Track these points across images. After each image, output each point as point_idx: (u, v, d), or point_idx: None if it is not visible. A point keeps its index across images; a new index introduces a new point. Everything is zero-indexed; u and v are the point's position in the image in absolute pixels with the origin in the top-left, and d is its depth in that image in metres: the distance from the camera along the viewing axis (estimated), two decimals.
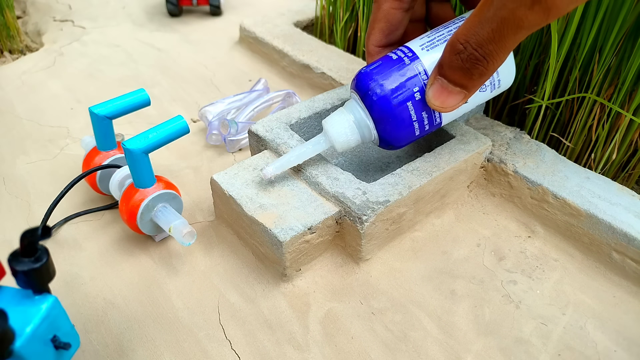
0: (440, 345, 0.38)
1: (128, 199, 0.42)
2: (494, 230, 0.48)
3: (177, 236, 0.41)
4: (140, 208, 0.42)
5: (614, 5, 0.50)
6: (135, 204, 0.42)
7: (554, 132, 0.62)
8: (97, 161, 0.46)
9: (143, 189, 0.42)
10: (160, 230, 0.45)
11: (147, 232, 0.44)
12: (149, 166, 0.41)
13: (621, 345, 0.38)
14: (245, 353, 0.38)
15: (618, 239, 0.42)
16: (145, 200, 0.42)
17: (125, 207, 0.42)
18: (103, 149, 0.47)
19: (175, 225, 0.41)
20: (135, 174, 0.41)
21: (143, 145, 0.40)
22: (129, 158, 0.40)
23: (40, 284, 0.28)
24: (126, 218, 0.43)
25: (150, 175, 0.42)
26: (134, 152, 0.39)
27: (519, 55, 0.61)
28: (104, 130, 0.45)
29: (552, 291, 0.42)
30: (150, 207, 0.42)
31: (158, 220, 0.43)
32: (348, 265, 0.44)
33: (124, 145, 0.39)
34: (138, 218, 0.42)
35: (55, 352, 0.29)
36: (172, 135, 0.41)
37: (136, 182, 0.42)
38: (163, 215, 0.43)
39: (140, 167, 0.41)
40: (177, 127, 0.41)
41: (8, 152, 0.57)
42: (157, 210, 0.43)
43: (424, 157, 0.46)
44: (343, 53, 0.71)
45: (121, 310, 0.40)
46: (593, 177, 0.47)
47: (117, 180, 0.45)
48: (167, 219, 0.42)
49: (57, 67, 0.74)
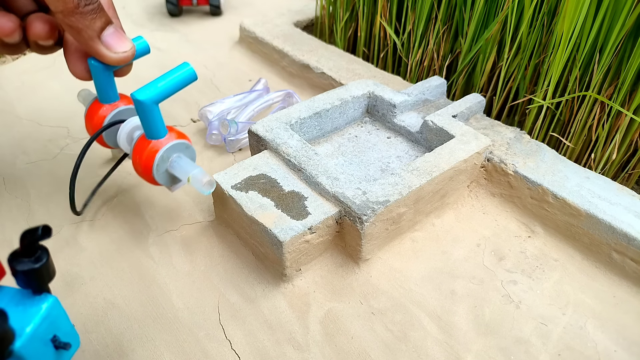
0: (440, 345, 0.38)
1: (141, 151, 0.41)
2: (494, 230, 0.48)
3: (196, 185, 0.40)
4: (155, 159, 0.40)
5: (614, 6, 0.50)
6: (149, 155, 0.40)
7: (554, 132, 0.61)
8: (102, 114, 0.44)
9: (156, 140, 0.41)
10: (176, 182, 0.44)
11: (163, 183, 0.43)
12: (159, 117, 0.40)
13: (621, 345, 0.38)
14: (245, 353, 0.38)
15: (618, 239, 0.42)
16: (159, 151, 0.40)
17: (140, 160, 0.41)
18: (105, 102, 0.44)
19: (194, 175, 0.40)
20: (146, 126, 0.40)
21: (153, 95, 0.38)
22: (139, 109, 0.38)
23: (40, 284, 0.28)
24: (141, 171, 0.41)
25: (162, 126, 0.40)
26: (144, 103, 0.38)
27: (519, 55, 0.61)
28: (105, 82, 0.43)
29: (552, 291, 0.42)
30: (165, 158, 0.41)
31: (174, 171, 0.41)
32: (348, 265, 0.44)
33: (134, 96, 0.38)
34: (154, 170, 0.41)
35: (55, 352, 0.29)
36: (180, 82, 0.39)
37: (148, 134, 0.40)
38: (179, 166, 0.41)
39: (151, 118, 0.39)
40: (185, 74, 0.39)
41: (8, 152, 0.57)
42: (172, 160, 0.42)
43: (424, 157, 0.46)
44: (343, 53, 0.71)
45: (121, 310, 0.40)
46: (593, 177, 0.47)
47: (126, 133, 0.43)
48: (185, 169, 0.41)
49: (57, 67, 0.74)
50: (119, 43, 0.38)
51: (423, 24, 0.68)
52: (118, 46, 0.38)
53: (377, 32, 0.75)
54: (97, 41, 0.37)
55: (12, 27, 0.38)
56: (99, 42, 0.37)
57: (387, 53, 0.76)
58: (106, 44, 0.37)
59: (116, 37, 0.38)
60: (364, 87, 0.57)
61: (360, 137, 0.55)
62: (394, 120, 0.55)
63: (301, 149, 0.47)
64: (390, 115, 0.55)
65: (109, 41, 0.37)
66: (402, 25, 0.72)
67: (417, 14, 0.68)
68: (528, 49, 0.60)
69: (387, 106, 0.55)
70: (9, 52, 0.40)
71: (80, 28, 0.36)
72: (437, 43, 0.69)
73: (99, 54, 0.37)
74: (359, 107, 0.57)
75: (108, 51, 0.37)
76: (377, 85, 0.57)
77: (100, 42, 0.37)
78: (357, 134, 0.56)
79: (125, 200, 0.51)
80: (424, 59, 0.71)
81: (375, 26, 0.75)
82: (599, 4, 0.50)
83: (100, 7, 0.36)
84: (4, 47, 0.40)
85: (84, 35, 0.36)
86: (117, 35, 0.38)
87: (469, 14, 0.64)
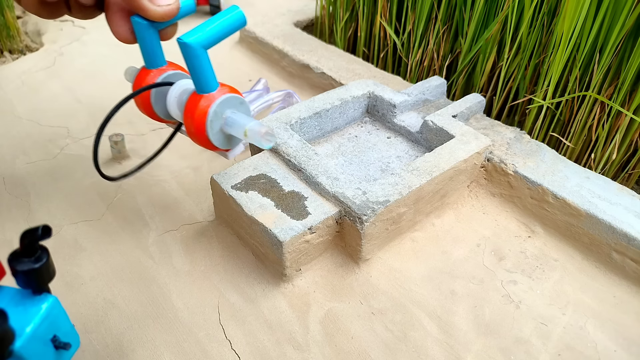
0: (440, 345, 0.38)
1: (193, 108, 0.37)
2: (494, 230, 0.48)
3: (254, 138, 0.36)
4: (208, 114, 0.36)
5: (614, 6, 0.50)
6: (202, 111, 0.36)
7: (554, 132, 0.62)
8: (149, 80, 0.40)
9: (207, 94, 0.37)
10: (232, 144, 0.40)
11: (218, 144, 0.38)
12: (210, 66, 0.36)
13: (621, 345, 0.38)
14: (245, 353, 0.38)
15: (618, 239, 0.42)
16: (212, 105, 0.36)
17: (192, 118, 0.37)
18: (152, 67, 0.40)
19: (251, 127, 0.36)
20: (196, 77, 0.36)
21: (202, 38, 0.34)
22: (188, 56, 0.35)
23: (40, 284, 0.28)
24: (194, 130, 0.37)
25: (212, 77, 0.37)
26: (194, 47, 0.34)
27: (519, 55, 0.61)
28: (150, 43, 0.39)
29: (552, 291, 0.42)
30: (218, 114, 0.37)
31: (230, 128, 0.37)
32: (348, 265, 0.44)
33: (181, 39, 0.34)
34: (208, 127, 0.37)
35: (55, 352, 0.29)
36: (230, 26, 0.36)
37: (198, 87, 0.37)
38: (233, 121, 0.37)
39: (201, 67, 0.36)
40: (234, 18, 0.36)
41: (8, 152, 0.57)
42: (226, 117, 0.38)
43: (424, 157, 0.46)
44: (343, 53, 0.71)
45: (121, 310, 0.40)
46: (593, 177, 0.47)
47: (175, 97, 0.39)
48: (240, 123, 0.37)
49: (57, 67, 0.74)
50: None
51: (423, 24, 0.68)
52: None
53: (377, 32, 0.75)
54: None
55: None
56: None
57: (387, 53, 0.76)
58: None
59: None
60: (364, 87, 0.57)
61: (360, 137, 0.55)
62: (394, 120, 0.55)
63: (301, 149, 0.47)
64: (390, 115, 0.55)
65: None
66: (402, 25, 0.72)
67: (417, 14, 0.68)
68: (528, 49, 0.60)
69: (387, 106, 0.55)
70: (48, 13, 0.38)
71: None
72: (437, 43, 0.69)
73: (142, 7, 0.35)
74: (359, 107, 0.57)
75: (151, 4, 0.35)
76: (377, 85, 0.57)
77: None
78: (357, 134, 0.56)
79: (125, 200, 0.51)
80: (424, 59, 0.71)
81: (375, 26, 0.75)
82: (599, 4, 0.50)
83: None
84: (43, 8, 0.38)
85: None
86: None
87: (469, 14, 0.64)
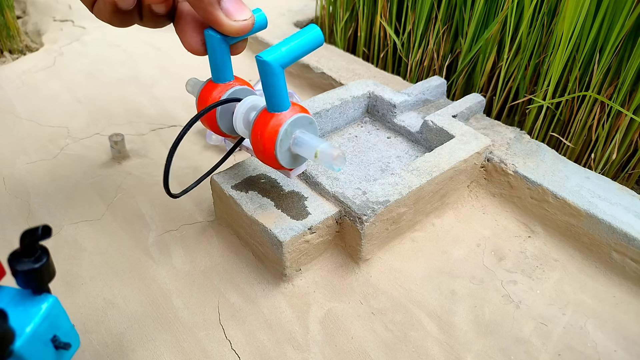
0: (440, 345, 0.38)
1: (263, 126, 0.36)
2: (494, 230, 0.48)
3: (325, 160, 0.35)
4: (279, 134, 0.36)
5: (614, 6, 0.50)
6: (273, 130, 0.36)
7: (554, 132, 0.62)
8: (216, 95, 0.39)
9: (279, 113, 0.36)
10: (297, 164, 0.39)
11: (284, 163, 0.38)
12: (284, 84, 0.36)
13: (621, 345, 0.38)
14: (245, 353, 0.38)
15: (618, 239, 0.42)
16: (284, 124, 0.36)
17: (261, 136, 0.36)
18: (220, 81, 0.40)
19: (323, 149, 0.35)
20: (270, 94, 0.36)
21: (281, 56, 0.34)
22: (265, 73, 0.34)
23: (40, 284, 0.28)
24: (262, 148, 0.37)
25: (286, 96, 0.36)
26: (272, 66, 0.34)
27: (519, 55, 0.61)
28: (221, 57, 0.38)
29: (552, 291, 0.42)
30: (289, 133, 0.36)
31: (298, 147, 0.37)
32: (348, 265, 0.44)
33: (260, 57, 0.34)
34: (277, 146, 0.36)
35: (55, 352, 0.29)
36: (308, 45, 0.36)
37: (270, 105, 0.36)
38: (304, 141, 0.36)
39: (277, 85, 0.35)
40: (312, 37, 0.36)
41: (8, 152, 0.57)
42: (295, 137, 0.37)
43: (424, 157, 0.46)
44: (343, 53, 0.71)
45: (121, 310, 0.40)
46: (593, 177, 0.47)
47: (242, 113, 0.39)
48: (311, 144, 0.36)
49: (57, 67, 0.74)
50: (238, 10, 0.35)
51: (423, 24, 0.68)
52: (238, 14, 0.35)
53: (377, 32, 0.75)
54: (217, 7, 0.34)
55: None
56: (218, 8, 0.35)
57: (387, 53, 0.76)
58: (226, 10, 0.35)
59: (235, 4, 0.35)
60: (364, 87, 0.57)
61: (360, 137, 0.55)
62: (394, 120, 0.55)
63: None
64: (390, 115, 0.55)
65: (229, 8, 0.35)
66: (402, 25, 0.72)
67: (417, 14, 0.68)
68: (528, 49, 0.60)
69: (387, 106, 0.55)
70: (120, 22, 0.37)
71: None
72: (437, 43, 0.69)
73: (218, 21, 0.35)
74: (359, 107, 0.57)
75: (227, 19, 0.35)
76: (377, 85, 0.57)
77: (219, 8, 0.35)
78: (357, 134, 0.56)
79: (125, 200, 0.51)
80: (424, 59, 0.71)
81: (375, 26, 0.75)
82: (599, 4, 0.50)
83: None
84: (115, 15, 0.37)
85: (203, 1, 0.34)
86: (236, 2, 0.35)
87: (469, 14, 0.64)
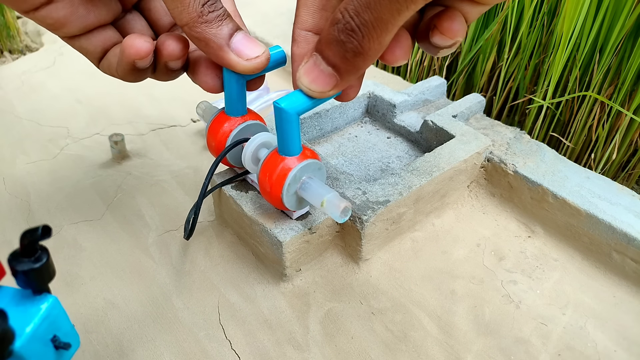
0: (440, 345, 0.38)
1: (272, 168, 0.37)
2: (494, 230, 0.48)
3: (332, 211, 0.36)
4: (287, 178, 0.36)
5: (614, 6, 0.50)
6: (282, 173, 0.36)
7: (554, 132, 0.62)
8: (227, 128, 0.40)
9: (289, 157, 0.37)
10: (301, 207, 0.40)
11: (289, 205, 0.38)
12: (298, 131, 0.36)
13: (621, 345, 0.38)
14: (245, 353, 0.38)
15: (618, 239, 0.42)
16: (293, 169, 0.36)
17: (269, 177, 0.37)
18: (233, 114, 0.40)
19: (330, 199, 0.36)
20: (283, 139, 0.36)
21: (298, 104, 0.34)
22: (281, 119, 0.35)
23: (40, 284, 0.28)
24: (268, 190, 0.37)
25: (299, 141, 0.37)
26: (289, 113, 0.34)
27: (519, 55, 0.61)
28: (236, 93, 0.39)
29: (552, 291, 0.42)
30: (297, 178, 0.37)
31: (305, 193, 0.37)
32: (348, 265, 0.44)
33: (277, 104, 0.34)
34: (284, 190, 0.37)
35: (55, 352, 0.29)
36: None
37: (282, 149, 0.37)
38: (311, 188, 0.37)
39: (291, 131, 0.35)
40: None
41: (8, 152, 0.57)
42: (303, 182, 0.38)
43: (424, 157, 0.46)
44: None
45: (121, 310, 0.40)
46: (593, 177, 0.47)
47: (251, 151, 0.40)
48: (318, 192, 0.37)
49: (57, 67, 0.74)
50: (249, 48, 0.34)
51: None
52: (249, 51, 0.34)
53: None
54: (227, 50, 0.33)
55: (148, 49, 0.34)
56: (228, 50, 0.34)
57: None
58: (236, 50, 0.34)
59: (246, 42, 0.34)
60: (363, 87, 0.57)
61: (360, 137, 0.55)
62: (394, 120, 0.55)
63: None
64: (390, 115, 0.55)
65: (239, 47, 0.34)
66: None
67: None
68: (528, 49, 0.60)
69: (387, 106, 0.55)
70: (134, 78, 0.37)
71: (207, 38, 0.32)
72: None
73: (230, 63, 0.34)
74: (359, 107, 0.57)
75: (239, 59, 0.34)
76: (377, 85, 0.57)
77: (230, 50, 0.34)
78: (357, 134, 0.56)
79: (125, 200, 0.51)
80: (424, 59, 0.71)
81: None
82: (599, 4, 0.50)
83: (226, 13, 0.33)
84: (131, 73, 0.36)
85: (212, 46, 0.33)
86: (247, 40, 0.34)
87: None
